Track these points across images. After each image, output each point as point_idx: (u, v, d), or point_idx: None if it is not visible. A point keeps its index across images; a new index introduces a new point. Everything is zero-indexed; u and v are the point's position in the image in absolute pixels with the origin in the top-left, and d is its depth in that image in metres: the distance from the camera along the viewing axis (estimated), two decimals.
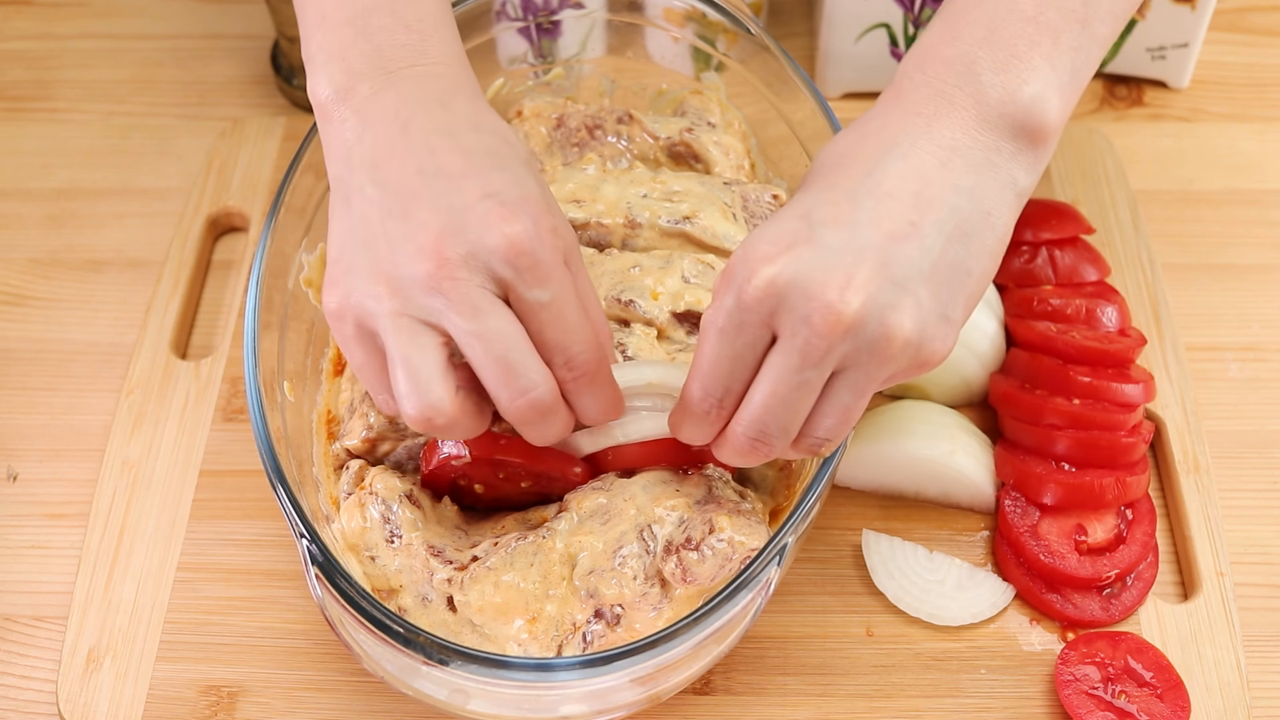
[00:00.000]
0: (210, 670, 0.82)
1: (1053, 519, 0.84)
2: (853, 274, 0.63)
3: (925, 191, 0.65)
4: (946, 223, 0.65)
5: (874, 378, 0.66)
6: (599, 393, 0.70)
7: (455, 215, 0.66)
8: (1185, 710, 0.78)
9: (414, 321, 0.66)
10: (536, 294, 0.66)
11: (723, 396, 0.67)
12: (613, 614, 0.73)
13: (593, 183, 0.88)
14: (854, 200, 0.65)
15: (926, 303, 0.64)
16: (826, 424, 0.67)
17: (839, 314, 0.63)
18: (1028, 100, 0.66)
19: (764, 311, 0.64)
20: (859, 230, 0.64)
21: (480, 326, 0.66)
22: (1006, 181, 0.67)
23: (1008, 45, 0.67)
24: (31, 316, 0.98)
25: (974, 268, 0.66)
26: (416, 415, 0.67)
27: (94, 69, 1.14)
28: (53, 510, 0.89)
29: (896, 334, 0.64)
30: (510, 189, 0.67)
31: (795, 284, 0.63)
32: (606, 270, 0.83)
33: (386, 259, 0.67)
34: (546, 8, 0.94)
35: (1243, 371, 0.94)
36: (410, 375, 0.66)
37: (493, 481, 0.78)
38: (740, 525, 0.73)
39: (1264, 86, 1.11)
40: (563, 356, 0.68)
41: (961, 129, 0.67)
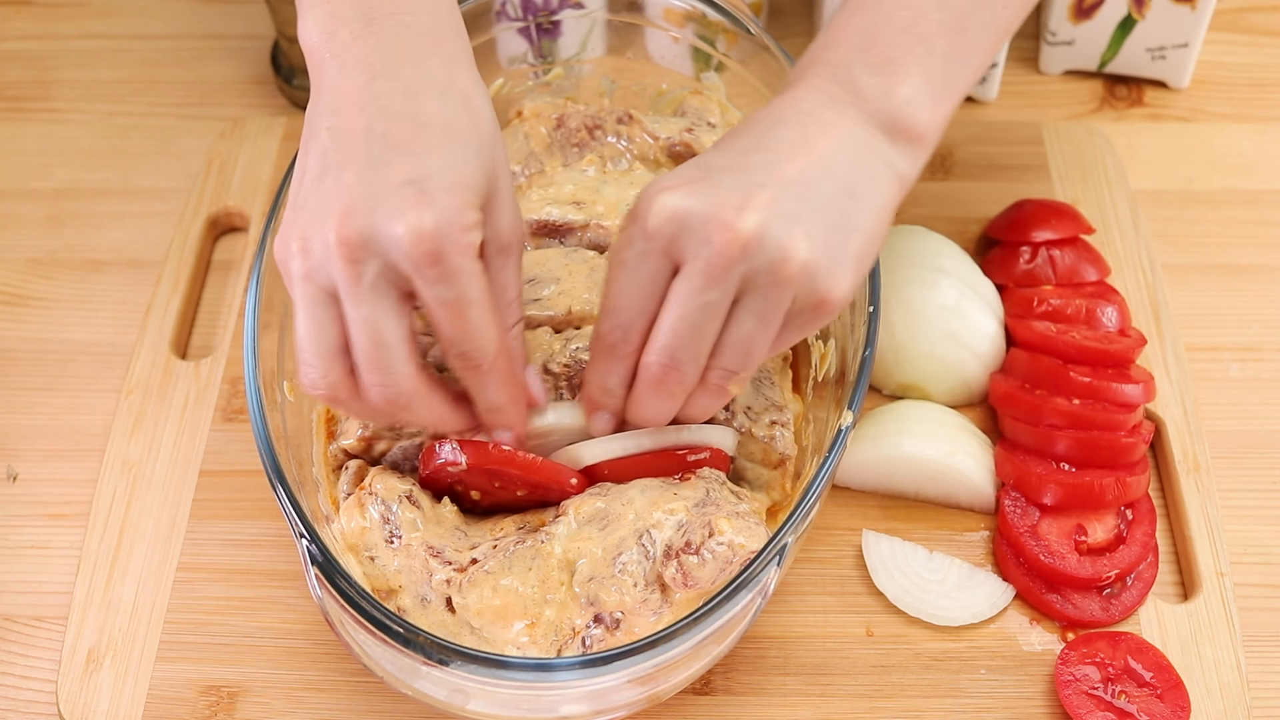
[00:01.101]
0: (210, 670, 0.82)
1: (1053, 519, 0.84)
2: (748, 201, 0.66)
3: (811, 150, 0.69)
4: (833, 175, 0.68)
5: (774, 303, 0.67)
6: (497, 384, 0.72)
7: (372, 192, 0.66)
8: (1185, 710, 0.78)
9: (317, 289, 0.68)
10: (435, 291, 0.67)
11: (627, 328, 0.69)
12: (612, 619, 0.73)
13: (593, 184, 0.88)
14: (746, 155, 0.69)
15: (819, 237, 0.67)
16: (730, 354, 0.69)
17: (736, 231, 0.65)
18: (901, 101, 0.70)
19: (664, 238, 0.67)
20: (753, 173, 0.68)
21: (360, 314, 0.67)
22: (886, 161, 0.70)
23: (882, 51, 0.71)
24: (31, 316, 0.98)
25: (861, 223, 0.69)
26: (309, 385, 0.69)
27: (94, 69, 1.14)
28: (53, 510, 0.89)
29: (793, 255, 0.66)
30: (441, 175, 0.67)
31: (694, 210, 0.66)
32: None
33: (307, 216, 0.68)
34: (546, 8, 0.94)
35: (1243, 371, 0.94)
36: (309, 347, 0.69)
37: (488, 490, 0.78)
38: (740, 527, 0.73)
39: (1264, 86, 1.11)
40: (456, 349, 0.69)
41: (843, 116, 0.70)
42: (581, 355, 0.79)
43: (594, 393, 0.73)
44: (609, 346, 0.71)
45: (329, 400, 0.70)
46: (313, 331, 0.68)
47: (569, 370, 0.79)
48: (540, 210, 0.86)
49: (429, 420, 0.72)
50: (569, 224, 0.86)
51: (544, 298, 0.82)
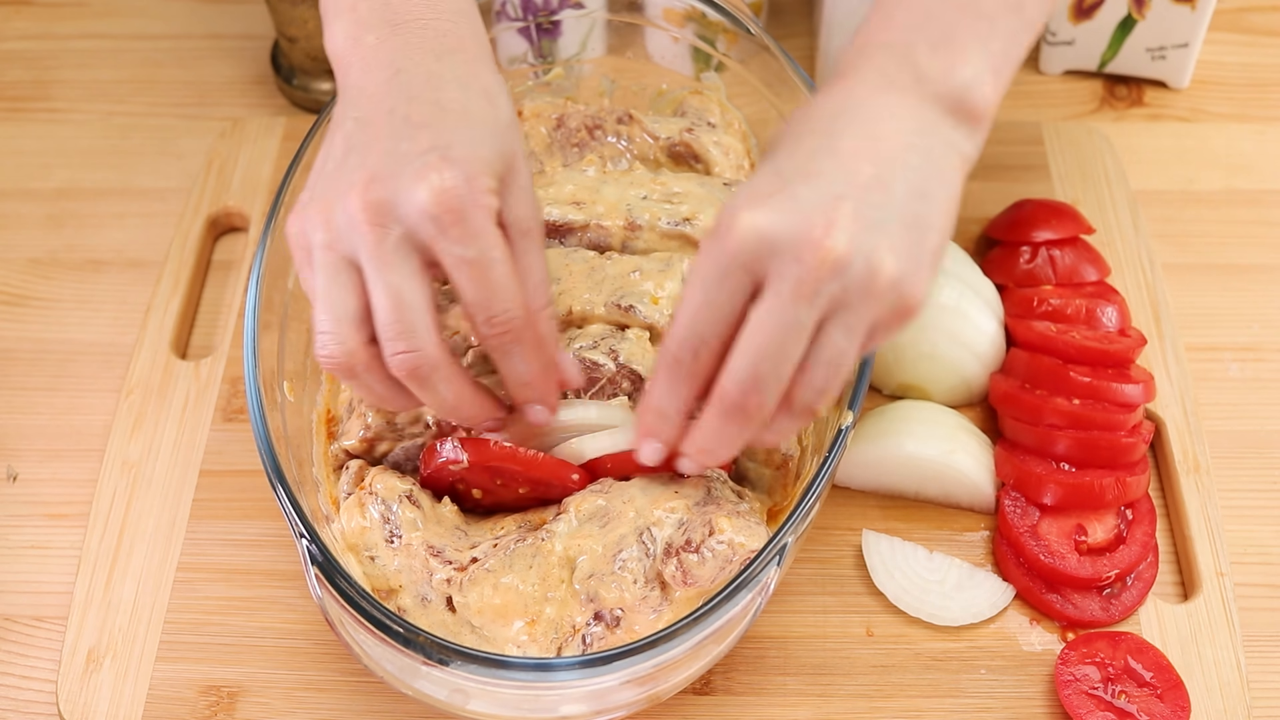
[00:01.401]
0: (210, 670, 0.82)
1: (1053, 519, 0.84)
2: (834, 217, 0.64)
3: (882, 149, 0.67)
4: (906, 177, 0.67)
5: (864, 319, 0.66)
6: (527, 354, 0.71)
7: (395, 161, 0.67)
8: (1185, 710, 0.78)
9: (339, 259, 0.68)
10: (459, 250, 0.67)
11: (699, 347, 0.67)
12: (612, 616, 0.73)
13: (593, 184, 0.88)
14: (817, 160, 0.67)
15: (902, 245, 0.66)
16: (820, 372, 0.67)
17: (828, 250, 0.64)
18: (964, 81, 0.69)
19: (748, 257, 0.65)
20: (829, 181, 0.66)
21: (383, 280, 0.67)
22: (951, 146, 0.69)
23: (942, 30, 0.70)
24: (31, 316, 0.98)
25: (935, 221, 0.68)
26: (325, 355, 0.69)
27: (94, 69, 1.14)
28: (53, 510, 0.89)
29: (882, 271, 0.65)
30: (462, 146, 0.68)
31: (780, 228, 0.64)
32: (607, 275, 0.83)
33: (331, 190, 0.68)
34: (546, 8, 0.94)
35: (1243, 371, 0.94)
36: (326, 314, 0.68)
37: (490, 487, 0.78)
38: (740, 526, 0.73)
39: (1264, 86, 1.11)
40: (484, 314, 0.69)
41: (903, 101, 0.69)
42: (585, 354, 0.79)
43: (650, 419, 0.71)
44: (677, 363, 0.68)
45: (344, 371, 0.69)
46: (332, 299, 0.68)
47: None
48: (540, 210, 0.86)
49: (449, 399, 0.71)
50: (569, 224, 0.86)
51: None
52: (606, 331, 0.81)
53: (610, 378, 0.79)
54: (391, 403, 0.72)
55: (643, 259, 0.84)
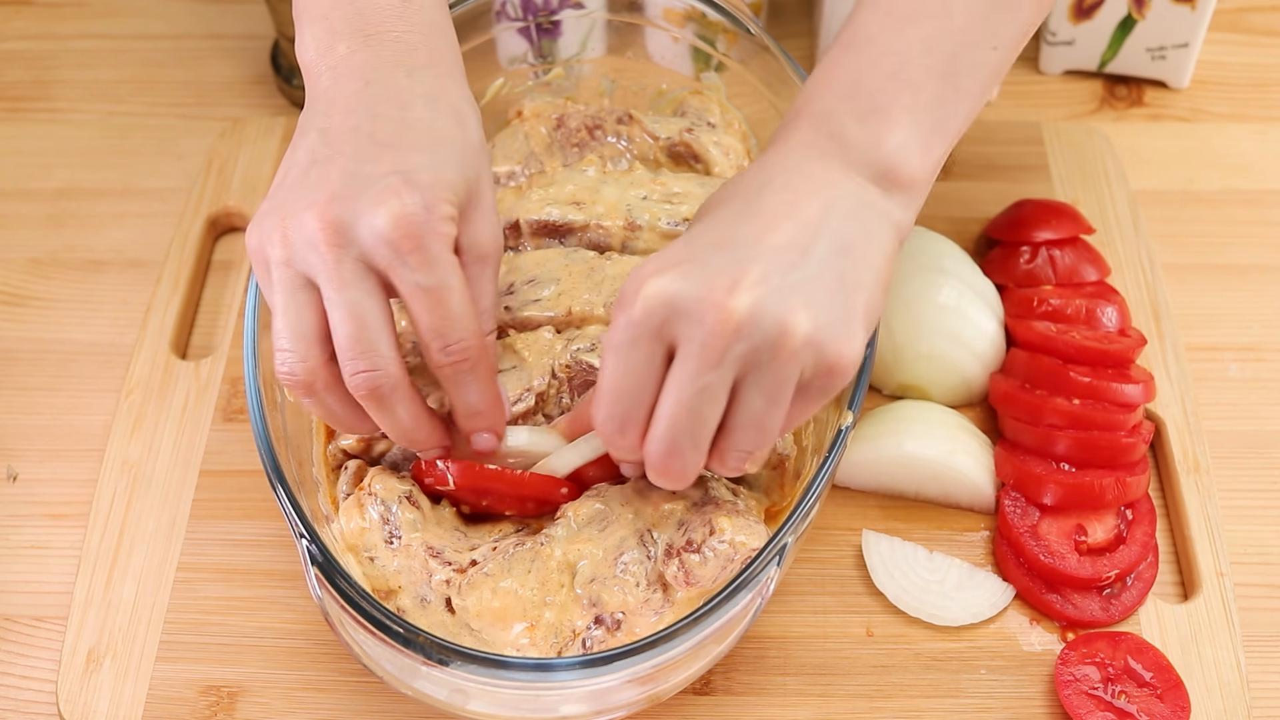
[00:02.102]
0: (210, 670, 0.82)
1: (1053, 519, 0.84)
2: (739, 279, 0.63)
3: (801, 213, 0.66)
4: (826, 237, 0.66)
5: (781, 380, 0.65)
6: (478, 385, 0.71)
7: (356, 181, 0.67)
8: (1185, 710, 0.78)
9: (296, 275, 0.68)
10: (416, 278, 0.67)
11: (624, 418, 0.67)
12: (613, 620, 0.73)
13: (593, 184, 0.88)
14: (734, 226, 0.66)
15: (820, 303, 0.64)
16: (741, 435, 0.66)
17: (730, 311, 0.63)
18: (890, 150, 0.69)
19: (655, 322, 0.64)
20: (741, 247, 0.65)
21: (342, 299, 0.67)
22: (880, 211, 0.69)
23: (868, 99, 0.69)
24: (31, 316, 0.98)
25: (863, 279, 0.66)
26: (286, 372, 0.68)
27: (94, 69, 1.14)
28: (53, 510, 0.89)
29: (793, 329, 0.63)
30: (425, 170, 0.68)
31: (683, 292, 0.64)
32: (607, 276, 0.83)
33: (290, 204, 0.68)
34: (546, 8, 0.94)
35: (1243, 371, 0.94)
36: (285, 331, 0.68)
37: (478, 508, 0.78)
38: (741, 525, 0.73)
39: (1264, 86, 1.11)
40: (440, 342, 0.69)
41: (830, 169, 0.68)
42: (583, 356, 0.79)
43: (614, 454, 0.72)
44: (610, 435, 0.68)
45: (304, 389, 0.69)
46: (290, 317, 0.68)
47: (571, 371, 0.79)
48: (540, 210, 0.86)
49: (405, 422, 0.71)
50: (569, 224, 0.86)
51: (544, 298, 0.82)
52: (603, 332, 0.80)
53: None
54: (348, 424, 0.72)
55: (643, 259, 0.84)
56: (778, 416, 0.66)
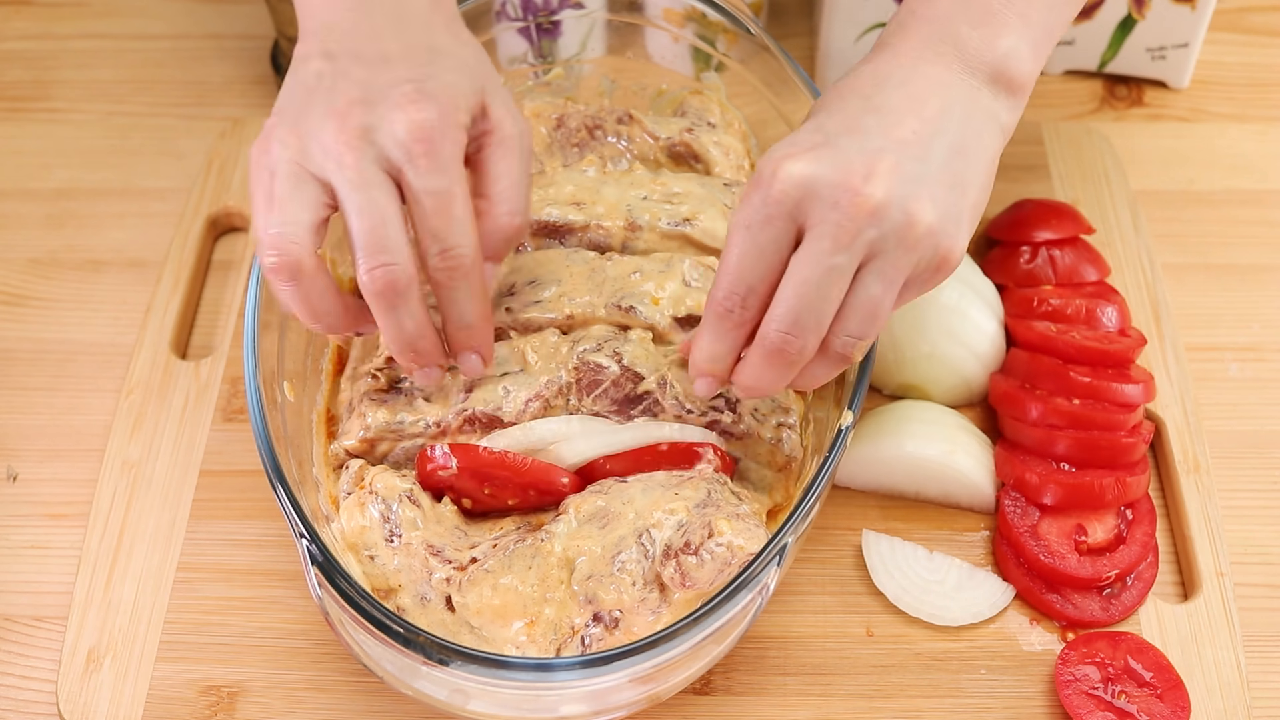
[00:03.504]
0: (210, 670, 0.82)
1: (1053, 519, 0.84)
2: (874, 167, 0.67)
3: (922, 110, 0.69)
4: (944, 135, 0.69)
5: (900, 267, 0.68)
6: (470, 297, 0.73)
7: (372, 91, 0.70)
8: (1185, 710, 0.78)
9: (305, 173, 0.70)
10: (425, 181, 0.69)
11: (746, 295, 0.69)
12: (611, 618, 0.73)
13: (593, 185, 0.88)
14: (860, 118, 0.69)
15: (940, 199, 0.68)
16: (856, 319, 0.69)
17: (866, 197, 0.66)
18: (1003, 52, 0.71)
19: (790, 203, 0.67)
20: (871, 136, 0.68)
21: (362, 197, 0.69)
22: (990, 114, 0.71)
23: (983, 3, 0.72)
24: (31, 316, 0.98)
25: (972, 180, 0.70)
26: (275, 251, 0.69)
27: (94, 69, 1.14)
28: (53, 510, 0.89)
29: (919, 219, 0.67)
30: (435, 79, 0.71)
31: (820, 176, 0.67)
32: (608, 276, 0.83)
33: (304, 115, 0.70)
34: (546, 8, 0.94)
35: (1243, 371, 0.94)
36: (279, 218, 0.69)
37: (479, 497, 0.78)
38: (739, 529, 0.73)
39: (1264, 86, 1.11)
40: (439, 245, 0.71)
41: (945, 70, 0.71)
42: (590, 356, 0.79)
43: (701, 359, 0.73)
44: (725, 313, 0.70)
45: (289, 271, 0.69)
46: (291, 205, 0.69)
47: (579, 373, 0.79)
48: (540, 211, 0.86)
49: (409, 327, 0.72)
50: (569, 224, 0.86)
51: (545, 299, 0.82)
52: (610, 333, 0.80)
53: (614, 380, 0.79)
54: (327, 318, 0.73)
55: (643, 260, 0.84)
56: (890, 302, 0.69)
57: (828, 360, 0.71)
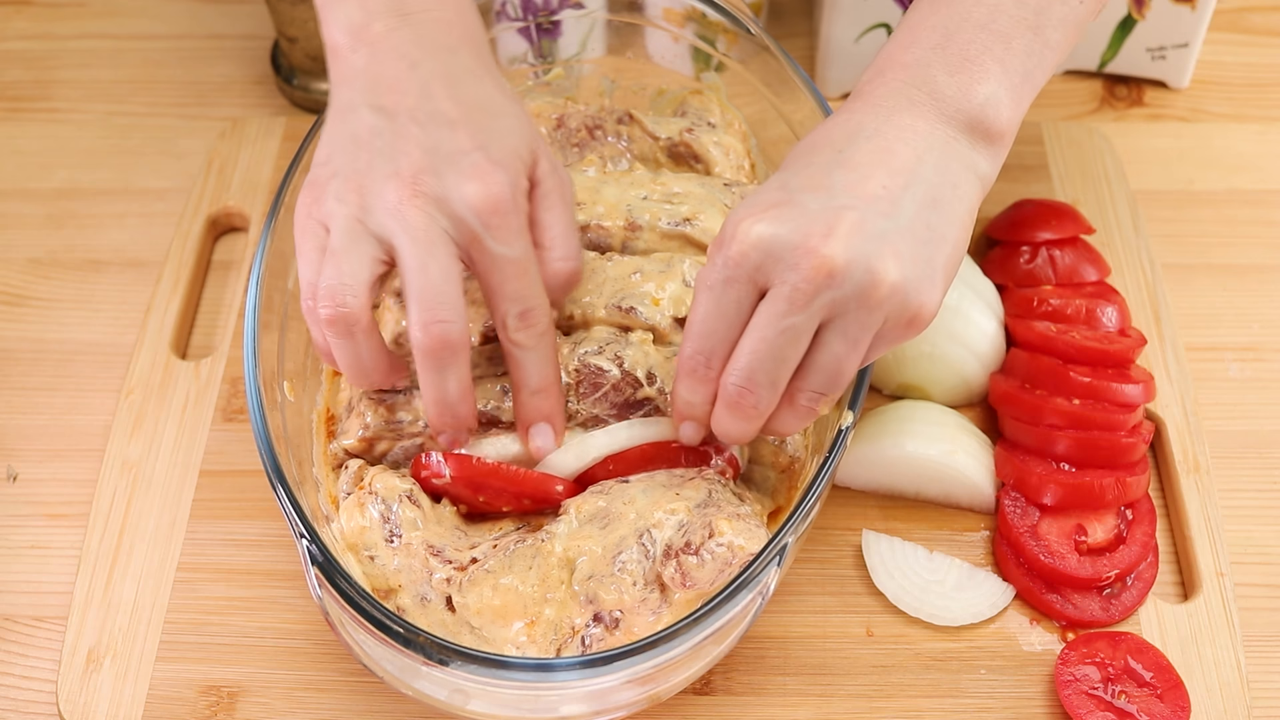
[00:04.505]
0: (210, 670, 0.82)
1: (1053, 519, 0.84)
2: (835, 226, 0.66)
3: (893, 163, 0.68)
4: (916, 189, 0.68)
5: (865, 326, 0.67)
6: (547, 356, 0.75)
7: (439, 158, 0.70)
8: (1185, 710, 0.78)
9: (366, 232, 0.70)
10: (504, 250, 0.71)
11: (710, 354, 0.70)
12: (611, 618, 0.73)
13: (593, 185, 0.88)
14: (828, 173, 0.69)
15: (907, 255, 0.67)
16: (817, 376, 0.69)
17: (825, 258, 0.66)
18: (980, 101, 0.70)
19: (750, 266, 0.67)
20: (836, 194, 0.67)
21: (428, 254, 0.69)
22: (967, 164, 0.70)
23: (960, 50, 0.71)
24: (31, 316, 0.98)
25: (948, 233, 0.69)
26: (329, 306, 0.70)
27: (94, 69, 1.14)
28: (53, 510, 0.89)
29: (883, 278, 0.66)
30: (498, 146, 0.71)
31: (780, 237, 0.66)
32: (608, 277, 0.83)
33: (364, 172, 0.71)
34: (546, 8, 0.94)
35: (1243, 371, 0.94)
36: (337, 270, 0.70)
37: (474, 504, 0.78)
38: (740, 529, 0.73)
39: (1264, 86, 1.11)
40: (520, 307, 0.72)
41: (920, 120, 0.70)
42: (590, 359, 0.79)
43: (680, 406, 0.74)
44: (692, 370, 0.71)
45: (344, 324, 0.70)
46: (350, 258, 0.70)
47: (579, 375, 0.79)
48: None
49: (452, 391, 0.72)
50: None
51: None
52: (611, 336, 0.80)
53: (614, 384, 0.79)
54: (374, 373, 0.74)
55: (643, 260, 0.84)
56: (854, 361, 0.69)
57: (794, 412, 0.71)
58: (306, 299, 0.72)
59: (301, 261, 0.72)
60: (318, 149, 0.74)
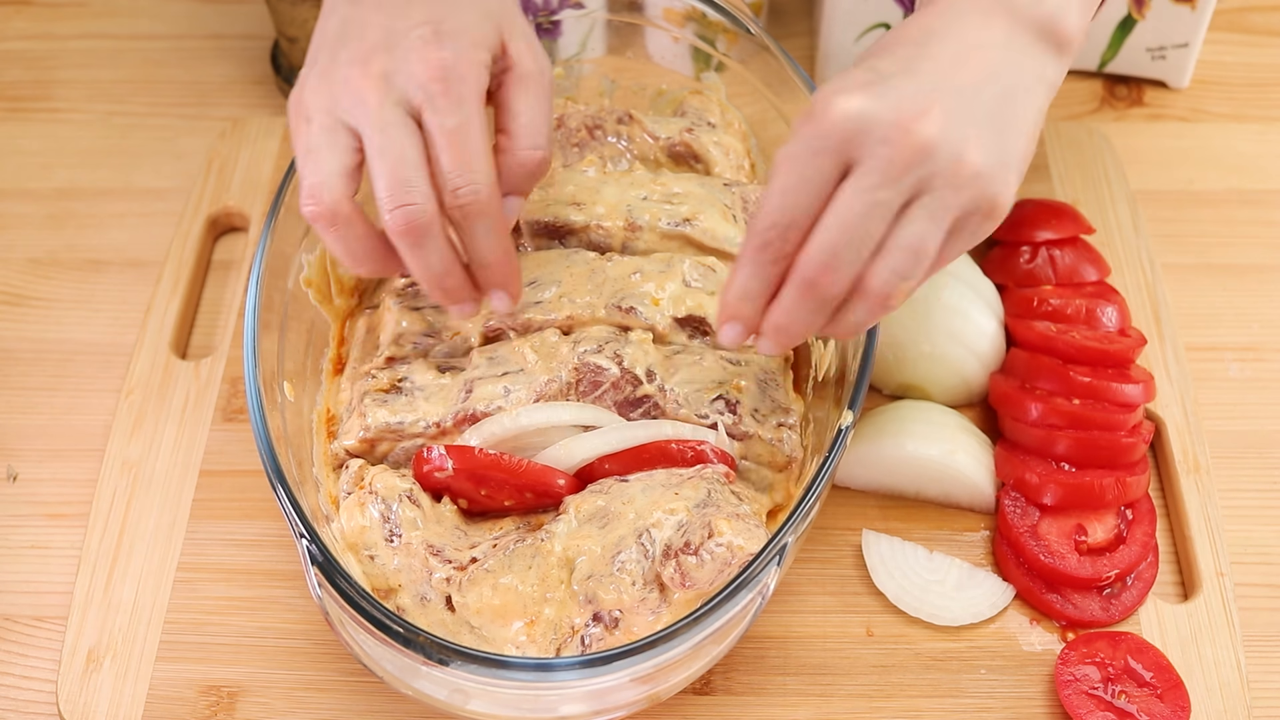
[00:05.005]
0: (210, 670, 0.82)
1: (1053, 519, 0.84)
2: (927, 107, 0.66)
3: (975, 59, 0.69)
4: (997, 86, 0.69)
5: (948, 206, 0.67)
6: (489, 234, 0.74)
7: (392, 36, 0.73)
8: (1185, 710, 0.78)
9: (337, 122, 0.72)
10: (442, 119, 0.71)
11: (788, 227, 0.68)
12: (611, 618, 0.73)
13: (593, 185, 0.88)
14: (913, 62, 0.69)
15: (990, 142, 0.68)
16: (899, 255, 0.67)
17: (917, 134, 0.66)
18: (1051, 8, 0.71)
19: (841, 137, 0.66)
20: (924, 78, 0.68)
21: (383, 138, 0.71)
22: (1038, 69, 0.71)
23: None
24: (31, 316, 0.98)
25: (1021, 129, 0.70)
26: (312, 201, 0.72)
27: (94, 69, 1.14)
28: (53, 510, 0.89)
29: (969, 160, 0.67)
30: (451, 18, 0.73)
31: (873, 112, 0.66)
32: (608, 277, 0.83)
33: (333, 63, 0.74)
34: (546, 8, 0.94)
35: (1243, 371, 0.94)
36: (315, 167, 0.72)
37: (475, 498, 0.78)
38: (739, 529, 0.73)
39: (1264, 86, 1.11)
40: (454, 183, 0.72)
41: (995, 24, 0.71)
42: (590, 358, 0.79)
43: (733, 298, 0.70)
44: (764, 245, 0.68)
45: (327, 218, 0.72)
46: (325, 154, 0.72)
47: (579, 374, 0.79)
48: (541, 211, 0.86)
49: (436, 265, 0.73)
50: (569, 225, 0.86)
51: (545, 300, 0.82)
52: (610, 334, 0.80)
53: (614, 381, 0.79)
54: (366, 260, 0.74)
55: (643, 260, 0.84)
56: (936, 241, 0.68)
57: (866, 302, 0.69)
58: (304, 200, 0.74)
59: (297, 158, 0.74)
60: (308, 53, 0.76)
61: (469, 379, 0.80)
